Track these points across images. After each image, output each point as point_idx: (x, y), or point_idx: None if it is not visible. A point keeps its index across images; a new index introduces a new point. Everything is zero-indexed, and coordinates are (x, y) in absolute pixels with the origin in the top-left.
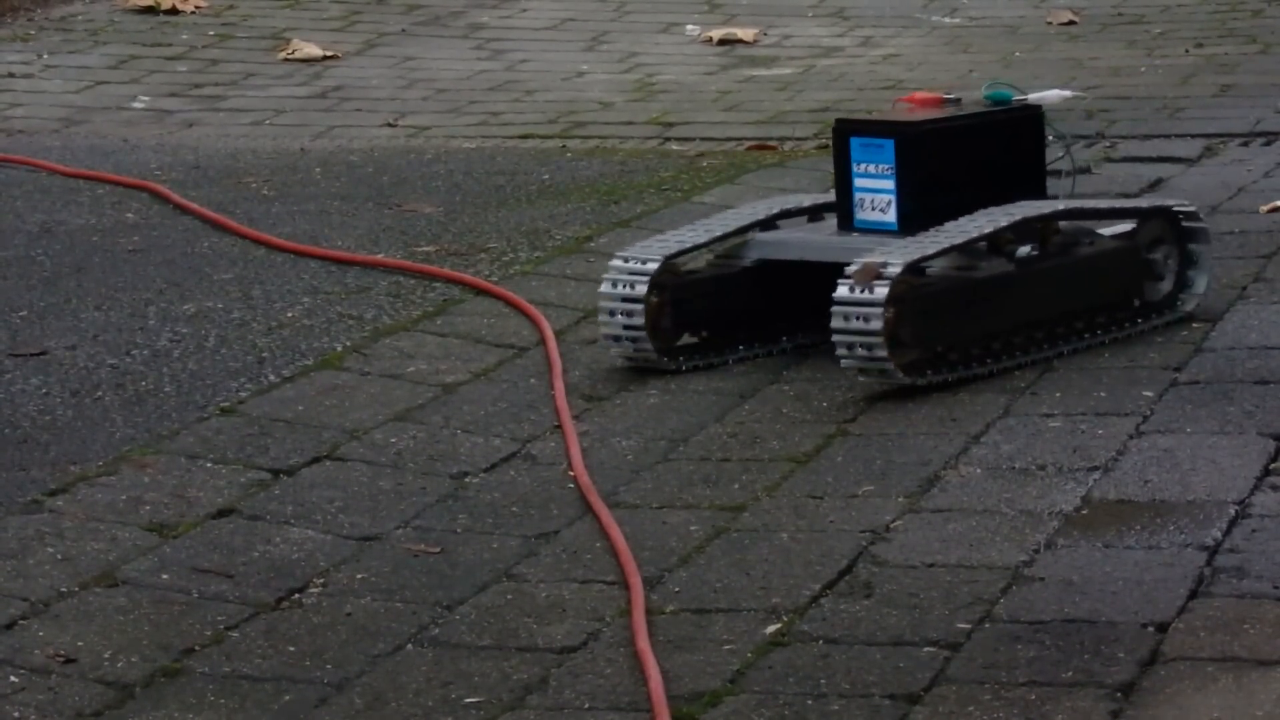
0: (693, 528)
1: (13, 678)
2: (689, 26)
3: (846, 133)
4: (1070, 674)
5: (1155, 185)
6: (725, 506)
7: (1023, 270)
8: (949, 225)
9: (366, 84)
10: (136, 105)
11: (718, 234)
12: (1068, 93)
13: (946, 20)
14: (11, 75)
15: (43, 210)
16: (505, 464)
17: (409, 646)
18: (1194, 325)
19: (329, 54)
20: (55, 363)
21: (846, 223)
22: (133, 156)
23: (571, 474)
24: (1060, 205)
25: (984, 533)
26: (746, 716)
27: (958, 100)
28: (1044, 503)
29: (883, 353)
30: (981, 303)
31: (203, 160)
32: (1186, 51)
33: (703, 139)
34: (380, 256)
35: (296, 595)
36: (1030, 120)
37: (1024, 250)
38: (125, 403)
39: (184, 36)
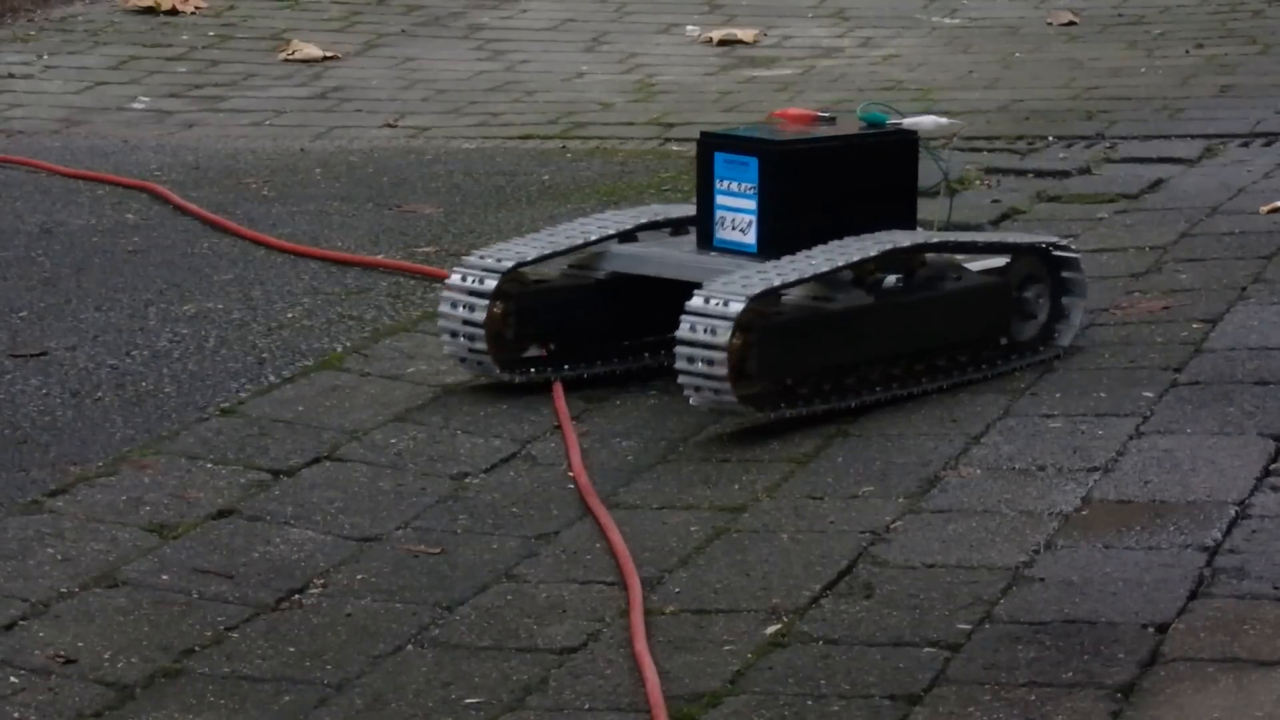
0: (693, 528)
1: (13, 678)
2: (689, 27)
3: (711, 147)
4: (1070, 674)
5: (1155, 186)
6: (725, 507)
7: (881, 303)
8: (808, 253)
9: (366, 84)
10: (136, 106)
11: (575, 243)
12: (944, 120)
13: (946, 21)
14: (11, 76)
15: (43, 211)
16: (505, 464)
17: (409, 647)
18: (1194, 325)
19: (329, 54)
20: (55, 363)
21: (706, 241)
22: (133, 157)
23: (571, 475)
24: (928, 237)
25: (984, 533)
26: (746, 717)
27: (833, 119)
28: (1044, 503)
29: (726, 385)
30: (836, 335)
31: (203, 161)
32: (1187, 52)
33: None
34: (380, 257)
35: (296, 595)
36: (903, 145)
37: (890, 280)
38: (125, 403)
39: (184, 37)
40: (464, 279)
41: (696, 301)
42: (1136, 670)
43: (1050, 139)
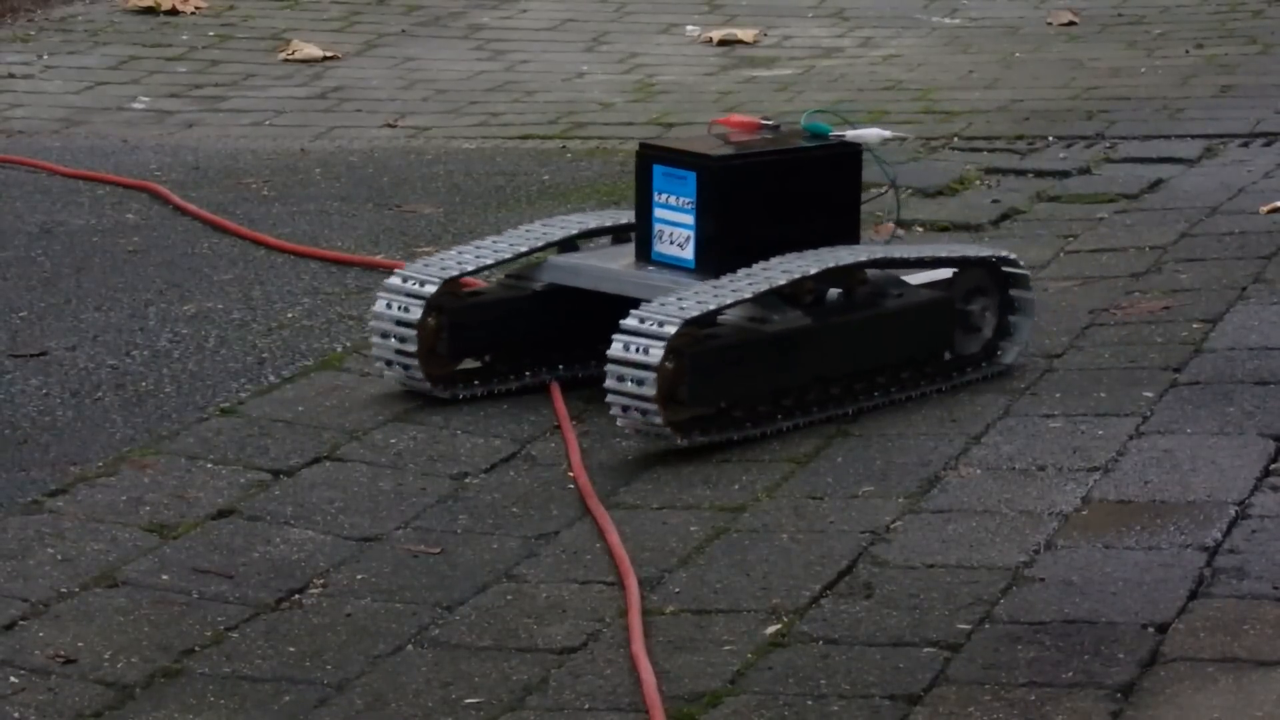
0: (693, 528)
1: (13, 678)
2: (689, 27)
3: (650, 159)
4: (1070, 674)
5: (1155, 186)
6: (725, 507)
7: (820, 325)
8: (746, 271)
9: (366, 84)
10: (137, 106)
11: (508, 255)
12: (887, 133)
13: (946, 21)
14: (11, 76)
15: (43, 211)
16: (505, 464)
17: (409, 647)
18: (1194, 325)
19: (329, 54)
20: (55, 363)
21: (644, 253)
22: (133, 157)
23: (571, 475)
24: (871, 253)
25: (984, 533)
26: (746, 717)
27: (776, 127)
28: (1044, 503)
29: (654, 411)
30: (773, 357)
31: (203, 161)
32: (1187, 52)
33: None
34: (380, 257)
35: (296, 595)
36: (847, 159)
37: (833, 294)
38: (125, 403)
39: (184, 37)
40: (404, 281)
41: (616, 348)
42: (1136, 670)
43: (1050, 139)
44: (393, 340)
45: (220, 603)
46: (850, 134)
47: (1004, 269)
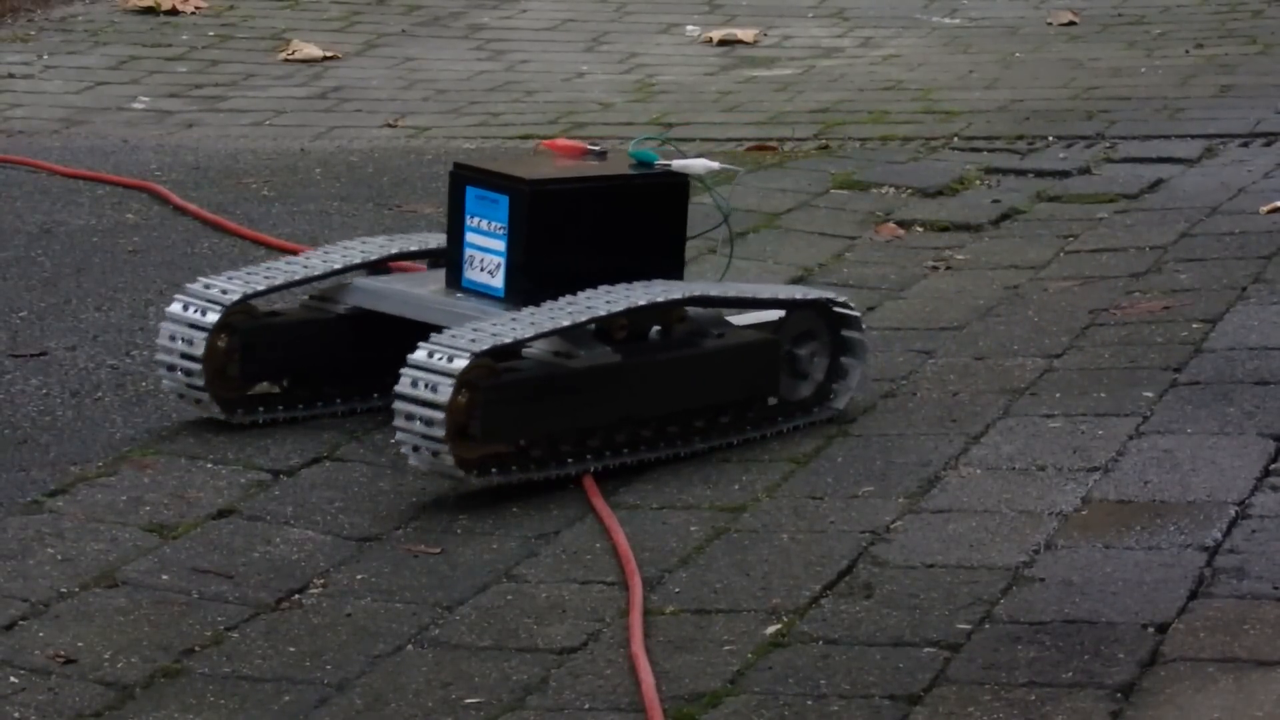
0: (693, 528)
1: (13, 678)
2: (689, 27)
3: (463, 180)
4: (1070, 674)
5: (1155, 186)
6: (725, 507)
7: (629, 362)
8: (557, 303)
9: (366, 84)
10: (137, 106)
11: (313, 274)
12: (715, 164)
13: (946, 21)
14: (11, 76)
15: (43, 211)
16: None
17: (409, 647)
18: (1194, 325)
19: (329, 54)
20: (55, 363)
21: (454, 279)
22: (133, 157)
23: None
24: (694, 290)
25: (984, 533)
26: (746, 717)
27: (603, 153)
28: (1044, 503)
29: (443, 447)
30: (578, 395)
31: (203, 160)
32: (1186, 52)
33: (703, 139)
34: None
35: (296, 595)
36: (673, 189)
37: (655, 331)
38: (125, 403)
39: (184, 37)
40: (190, 299)
41: (404, 381)
42: (1136, 670)
43: (1050, 139)
44: (178, 359)
45: (220, 603)
46: (676, 164)
47: (836, 311)
